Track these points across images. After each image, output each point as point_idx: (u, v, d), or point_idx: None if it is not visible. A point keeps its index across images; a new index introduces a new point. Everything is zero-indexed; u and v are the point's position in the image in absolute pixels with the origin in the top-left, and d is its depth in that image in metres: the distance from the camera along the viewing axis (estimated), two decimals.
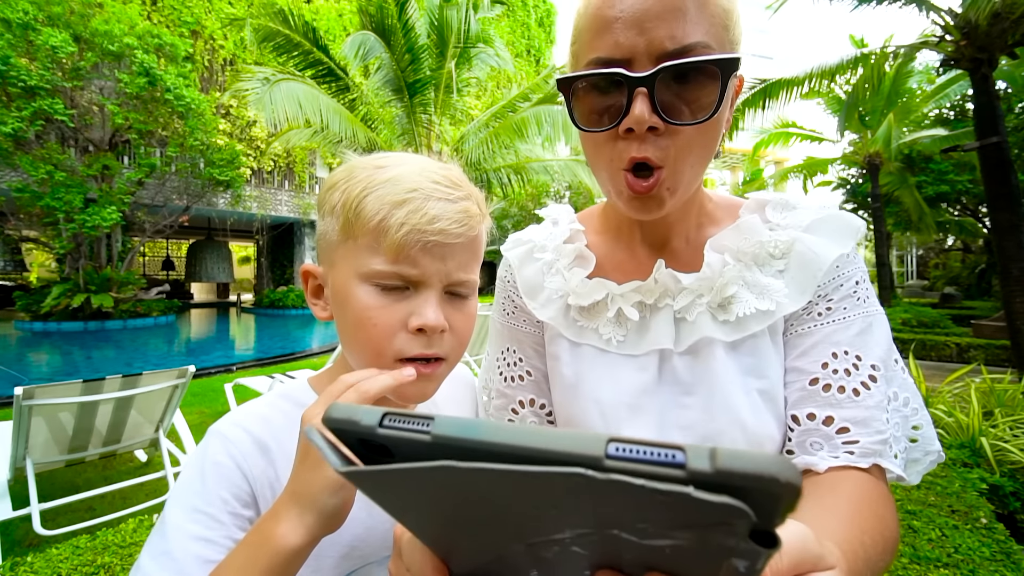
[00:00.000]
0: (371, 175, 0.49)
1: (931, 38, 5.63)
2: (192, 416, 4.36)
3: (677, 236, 0.61)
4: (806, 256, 0.55)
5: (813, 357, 0.54)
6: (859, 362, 0.52)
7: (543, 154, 10.01)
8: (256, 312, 16.15)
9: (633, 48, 0.46)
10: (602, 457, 0.16)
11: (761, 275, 0.57)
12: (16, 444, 2.35)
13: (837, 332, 0.53)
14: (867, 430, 0.50)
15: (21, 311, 11.06)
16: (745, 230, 0.58)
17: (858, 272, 0.56)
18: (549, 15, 26.67)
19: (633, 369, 0.60)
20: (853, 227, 0.56)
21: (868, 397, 0.51)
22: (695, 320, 0.57)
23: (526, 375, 0.69)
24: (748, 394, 0.54)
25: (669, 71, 0.45)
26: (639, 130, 0.47)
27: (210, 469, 0.48)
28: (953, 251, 19.37)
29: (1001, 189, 5.15)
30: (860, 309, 0.54)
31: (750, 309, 0.55)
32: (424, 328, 0.48)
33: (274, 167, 15.60)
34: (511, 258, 0.72)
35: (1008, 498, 2.10)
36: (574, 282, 0.64)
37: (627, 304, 0.60)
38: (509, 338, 0.71)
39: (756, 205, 0.62)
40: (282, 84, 7.31)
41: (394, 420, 0.21)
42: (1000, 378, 3.31)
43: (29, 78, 8.73)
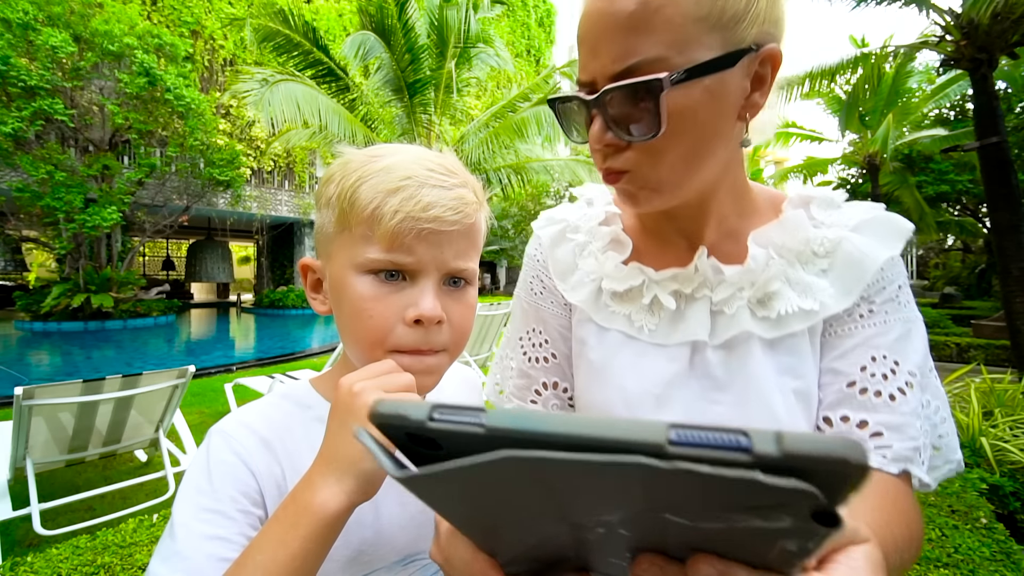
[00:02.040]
0: (365, 165, 0.48)
1: (931, 38, 5.63)
2: (192, 416, 4.36)
3: (712, 226, 0.59)
4: (853, 256, 0.54)
5: (852, 360, 0.53)
6: (897, 367, 0.51)
7: (543, 154, 10.02)
8: (256, 312, 16.15)
9: (592, 71, 0.48)
10: (664, 444, 0.16)
11: (804, 273, 0.55)
12: (16, 444, 2.35)
13: (877, 336, 0.53)
14: (900, 436, 0.49)
15: (21, 311, 11.06)
16: (791, 226, 0.57)
17: (901, 276, 0.55)
18: (549, 15, 26.68)
19: (663, 359, 0.58)
20: (902, 229, 0.55)
21: (903, 403, 0.50)
22: (734, 314, 0.56)
23: (551, 357, 0.68)
24: (784, 393, 0.53)
25: (611, 92, 0.46)
26: (597, 147, 0.50)
27: (216, 468, 0.48)
28: (953, 251, 19.36)
29: (1001, 189, 5.15)
30: (901, 314, 0.53)
31: (793, 307, 0.54)
32: (421, 319, 0.48)
33: (274, 167, 15.60)
34: (542, 236, 0.70)
35: (1008, 498, 2.10)
36: (609, 266, 0.63)
37: (664, 292, 0.59)
38: (535, 318, 0.70)
39: (800, 200, 0.60)
40: (281, 85, 7.30)
41: (444, 413, 0.21)
42: (1000, 378, 3.31)
43: (29, 78, 8.73)
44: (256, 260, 19.78)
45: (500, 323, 5.72)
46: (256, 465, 0.48)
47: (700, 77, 0.45)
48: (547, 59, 26.08)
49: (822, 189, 0.61)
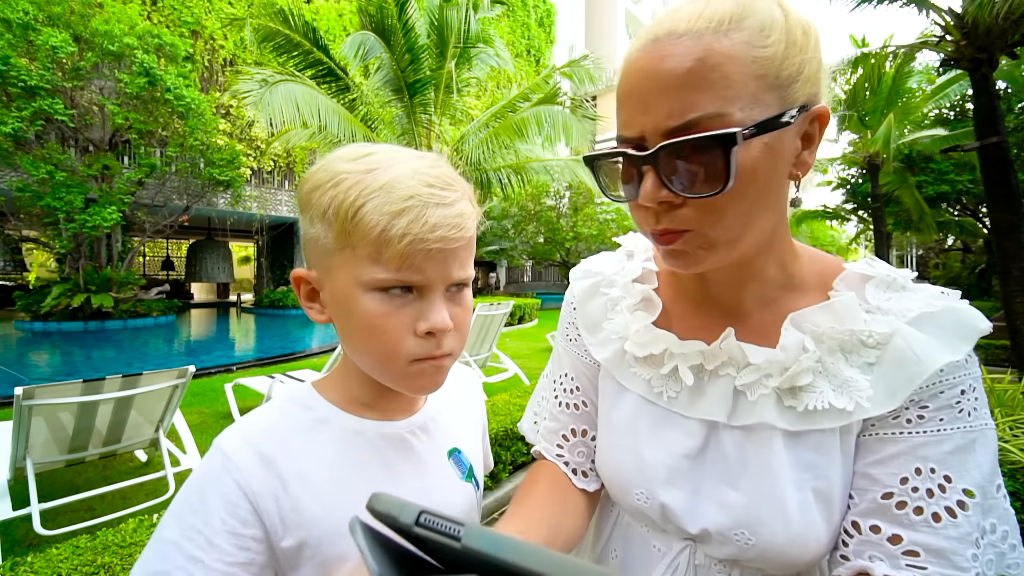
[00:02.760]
0: (362, 180, 0.47)
1: (931, 38, 5.63)
2: (192, 416, 4.36)
3: (751, 298, 0.56)
4: (905, 355, 0.47)
5: (892, 469, 0.47)
6: (948, 484, 0.44)
7: (543, 154, 10.01)
8: (256, 312, 16.14)
9: (642, 127, 0.46)
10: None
11: (846, 366, 0.50)
12: (16, 444, 2.35)
13: (927, 446, 0.46)
14: (941, 561, 0.43)
15: (21, 311, 11.05)
16: (838, 312, 0.51)
17: (967, 380, 0.47)
18: (549, 15, 26.68)
19: (680, 432, 0.57)
20: (971, 328, 0.47)
21: (952, 526, 0.43)
22: (756, 401, 0.52)
23: (581, 405, 0.68)
24: (801, 490, 0.49)
25: (668, 148, 0.44)
26: (651, 206, 0.47)
27: (208, 487, 0.48)
28: (953, 251, 19.36)
29: (1001, 189, 5.15)
30: (961, 423, 0.46)
31: (823, 404, 0.49)
32: (433, 331, 0.49)
33: (274, 167, 15.59)
34: (576, 289, 0.70)
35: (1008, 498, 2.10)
36: (635, 327, 0.61)
37: (684, 364, 0.57)
38: (569, 365, 0.70)
39: (856, 279, 0.54)
40: (280, 85, 7.30)
41: (429, 520, 0.23)
42: (1000, 378, 3.30)
43: (29, 78, 8.73)
44: (256, 260, 19.78)
45: (500, 323, 5.72)
46: (249, 485, 0.48)
47: (765, 133, 0.44)
48: (547, 59, 26.07)
49: (883, 267, 0.54)
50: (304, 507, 0.50)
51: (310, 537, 0.50)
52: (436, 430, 0.63)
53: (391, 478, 0.56)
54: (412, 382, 0.52)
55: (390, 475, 0.56)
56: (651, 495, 0.56)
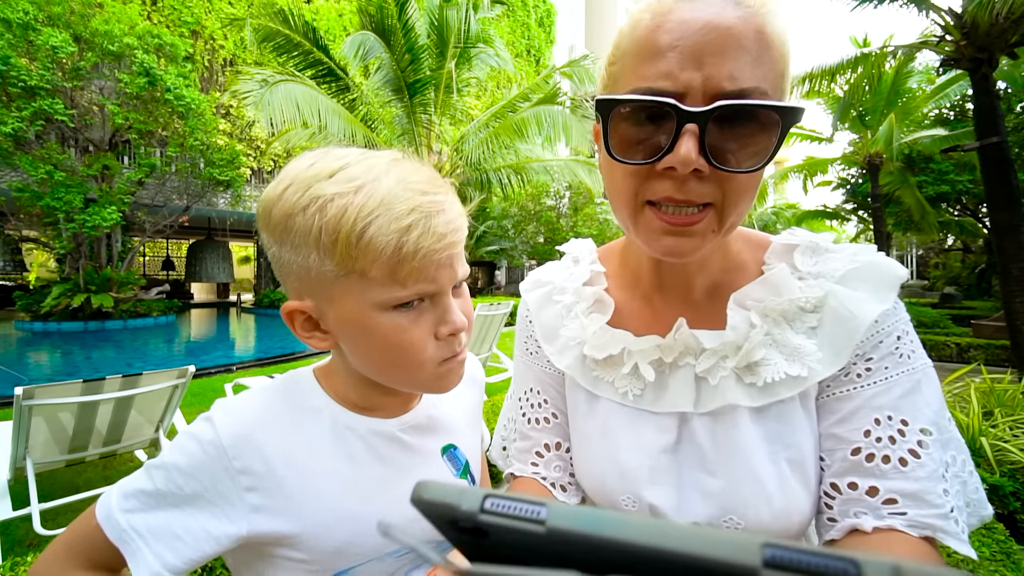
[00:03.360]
0: (354, 201, 0.44)
1: (931, 38, 5.63)
2: (192, 416, 4.36)
3: (699, 284, 0.57)
4: (841, 314, 0.50)
5: (854, 424, 0.49)
6: (905, 427, 0.47)
7: (543, 154, 10.02)
8: (256, 312, 16.14)
9: (688, 82, 0.42)
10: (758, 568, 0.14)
11: (792, 333, 0.52)
12: (16, 444, 2.35)
13: (879, 395, 0.48)
14: (917, 503, 0.45)
15: (21, 311, 11.05)
16: (774, 285, 0.53)
17: (900, 325, 0.50)
18: (549, 15, 26.68)
19: (652, 428, 0.57)
20: (894, 276, 0.51)
21: (919, 467, 0.46)
22: (718, 384, 0.53)
23: (551, 417, 0.66)
24: (776, 463, 0.51)
25: (726, 111, 0.41)
26: (682, 171, 0.43)
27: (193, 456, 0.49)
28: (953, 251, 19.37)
29: (1001, 189, 5.15)
30: (904, 367, 0.48)
31: (779, 374, 0.51)
32: (455, 332, 0.51)
33: (274, 167, 15.59)
34: (529, 301, 0.69)
35: (1008, 498, 2.10)
36: (591, 330, 0.61)
37: (644, 361, 0.57)
38: (533, 379, 0.69)
39: (784, 249, 0.57)
40: (280, 85, 7.30)
41: (498, 504, 0.19)
42: (1000, 378, 3.30)
43: (29, 78, 8.73)
44: (256, 260, 19.77)
45: (500, 323, 5.72)
46: (234, 464, 0.48)
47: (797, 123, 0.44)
48: (547, 59, 26.08)
49: (805, 234, 0.57)
50: (292, 493, 0.50)
51: (297, 524, 0.49)
52: (431, 426, 0.62)
53: (382, 474, 0.56)
54: (441, 383, 0.54)
55: (381, 471, 0.56)
56: (638, 498, 0.56)
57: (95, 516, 0.49)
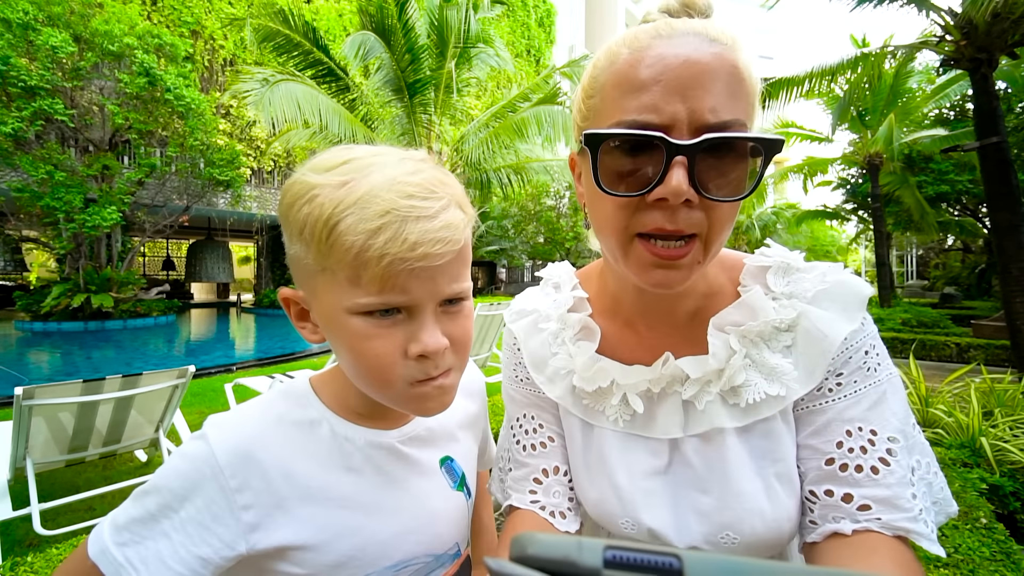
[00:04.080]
0: (336, 195, 0.43)
1: (931, 38, 5.64)
2: (192, 416, 4.36)
3: (682, 310, 0.59)
4: (813, 334, 0.53)
5: (827, 436, 0.52)
6: (875, 437, 0.50)
7: (543, 154, 10.03)
8: (256, 312, 16.14)
9: (673, 115, 0.44)
10: None
11: (769, 353, 0.55)
12: (16, 444, 2.35)
13: (849, 408, 0.51)
14: (889, 508, 0.48)
15: (21, 311, 11.05)
16: (750, 308, 0.56)
17: (868, 340, 0.53)
18: (549, 15, 26.68)
19: (645, 452, 0.58)
20: (860, 296, 0.53)
21: (888, 474, 0.48)
22: (704, 408, 0.56)
23: (548, 441, 0.65)
24: (764, 478, 0.53)
25: (713, 143, 0.43)
26: (674, 202, 0.44)
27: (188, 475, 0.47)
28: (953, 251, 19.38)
29: (1001, 189, 5.15)
30: (871, 380, 0.52)
31: (760, 395, 0.53)
32: (425, 354, 0.46)
33: (274, 167, 15.60)
34: (516, 330, 0.69)
35: (1008, 498, 2.10)
36: (580, 360, 0.61)
37: (632, 393, 0.59)
38: (525, 404, 0.68)
39: (757, 271, 0.59)
40: (281, 85, 7.31)
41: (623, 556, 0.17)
42: (1000, 378, 3.30)
43: (29, 78, 8.73)
44: (256, 260, 19.77)
45: (500, 323, 5.72)
46: (230, 483, 0.47)
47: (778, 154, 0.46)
48: (547, 59, 26.08)
49: (777, 253, 0.59)
50: (289, 507, 0.49)
51: (296, 538, 0.48)
52: (429, 438, 0.61)
53: (381, 487, 0.55)
54: (418, 404, 0.50)
55: (381, 483, 0.55)
56: (636, 522, 0.57)
57: (88, 555, 0.46)
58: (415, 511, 0.56)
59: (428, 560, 0.57)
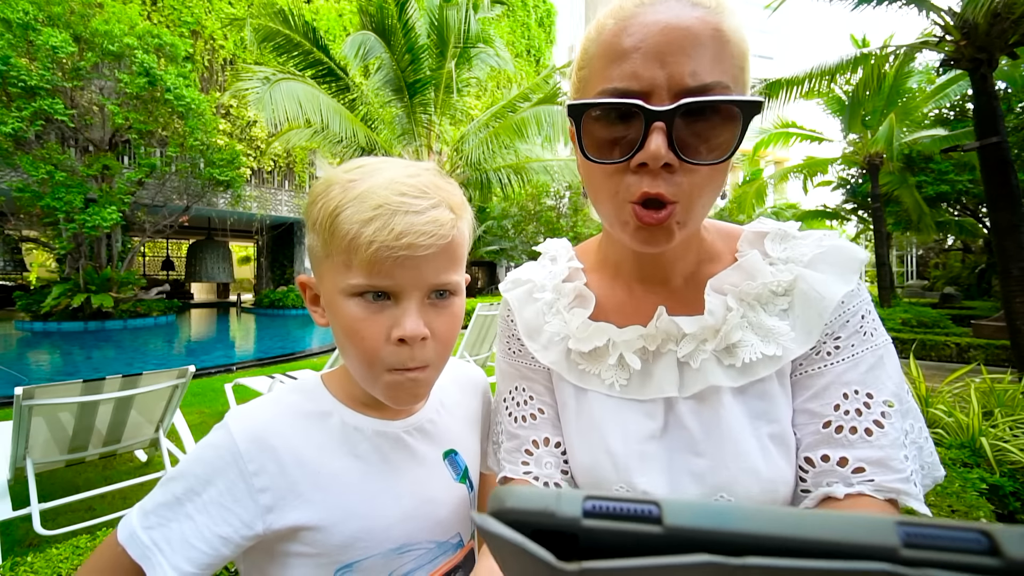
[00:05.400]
0: (343, 191, 0.50)
1: (931, 38, 5.63)
2: (192, 416, 4.36)
3: (676, 274, 0.60)
4: (810, 296, 0.54)
5: (825, 399, 0.52)
6: (870, 400, 0.51)
7: (543, 154, 10.01)
8: (256, 312, 16.14)
9: (652, 81, 0.45)
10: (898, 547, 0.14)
11: (765, 316, 0.55)
12: (16, 444, 2.35)
13: (847, 371, 0.52)
14: (883, 469, 0.49)
15: (21, 311, 11.06)
16: (747, 270, 0.57)
17: (863, 305, 0.54)
18: (549, 15, 26.67)
19: (640, 415, 0.59)
20: (856, 259, 0.54)
21: (882, 436, 0.50)
22: (700, 367, 0.56)
23: (538, 413, 0.66)
24: (759, 439, 0.53)
25: (691, 108, 0.44)
26: (653, 166, 0.46)
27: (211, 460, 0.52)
28: (953, 251, 19.38)
29: (1001, 189, 5.15)
30: (868, 344, 0.53)
31: (756, 355, 0.54)
32: (404, 338, 0.51)
33: (274, 167, 15.59)
34: (510, 299, 0.70)
35: (1008, 498, 2.10)
36: (574, 324, 0.62)
37: (628, 351, 0.59)
38: (517, 376, 0.68)
39: (755, 237, 0.60)
40: (282, 84, 7.31)
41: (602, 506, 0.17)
42: (1000, 378, 3.30)
43: (29, 78, 8.73)
44: (256, 260, 19.78)
45: None
46: (249, 467, 0.52)
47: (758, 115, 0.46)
48: (547, 59, 26.07)
49: (774, 223, 0.61)
50: (302, 491, 0.53)
51: (307, 518, 0.53)
52: (433, 431, 0.64)
53: (387, 473, 0.58)
54: (392, 392, 0.54)
55: (386, 470, 0.58)
56: (631, 486, 0.58)
57: (117, 539, 0.51)
58: (417, 498, 0.59)
59: (431, 547, 0.60)
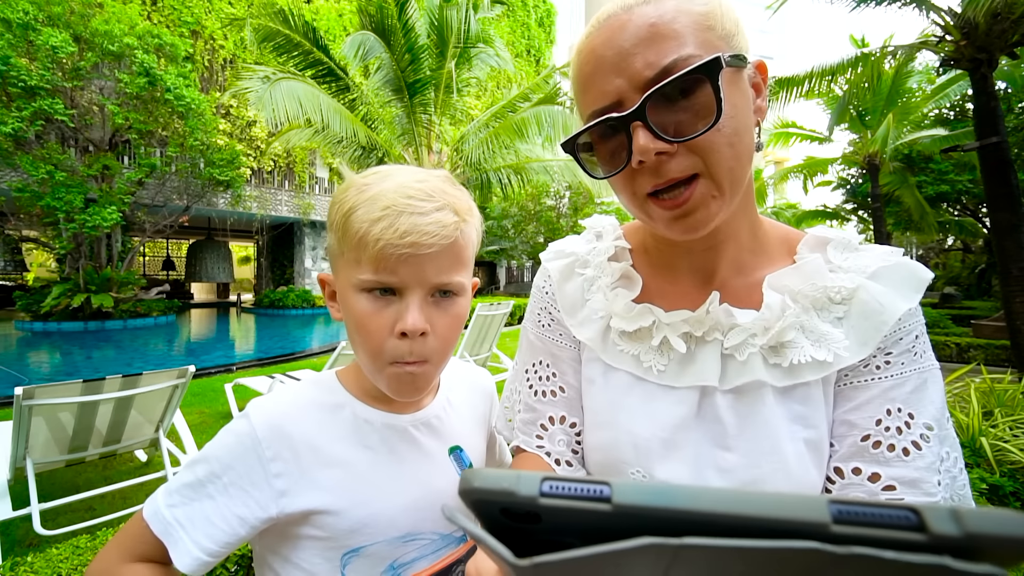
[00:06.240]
0: (358, 194, 0.55)
1: (931, 38, 5.63)
2: (192, 416, 4.36)
3: (727, 265, 0.59)
4: (870, 306, 0.53)
5: (867, 413, 0.52)
6: (911, 420, 0.50)
7: (543, 154, 10.01)
8: (256, 312, 16.14)
9: (618, 90, 0.48)
10: (828, 523, 0.15)
11: (819, 321, 0.54)
12: (16, 444, 2.35)
13: (893, 388, 0.51)
14: (914, 491, 0.48)
15: (21, 311, 11.05)
16: (808, 272, 0.56)
17: (918, 325, 0.53)
18: (549, 15, 26.66)
19: (671, 402, 0.58)
20: (921, 279, 0.53)
21: (919, 458, 0.49)
22: (746, 360, 0.55)
23: (559, 391, 0.66)
24: (795, 443, 0.53)
25: (653, 96, 0.45)
26: (648, 160, 0.47)
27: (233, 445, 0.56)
28: (953, 251, 19.37)
29: (1001, 189, 5.15)
30: (917, 364, 0.52)
31: (806, 357, 0.53)
32: (405, 332, 0.54)
33: (274, 167, 15.59)
34: (551, 269, 0.69)
35: (1008, 498, 2.10)
36: (619, 305, 0.61)
37: (674, 334, 0.58)
38: (543, 351, 0.68)
39: (816, 243, 0.59)
40: (283, 83, 7.30)
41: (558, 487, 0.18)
42: (1000, 378, 3.30)
43: (29, 78, 8.73)
44: (256, 260, 19.77)
45: (500, 323, 5.72)
46: (266, 453, 0.56)
47: (733, 67, 0.47)
48: (547, 59, 26.07)
49: (839, 231, 0.60)
50: (314, 476, 0.57)
51: (319, 503, 0.56)
52: (440, 427, 0.67)
53: (393, 464, 0.61)
54: (392, 384, 0.58)
55: (393, 461, 0.61)
56: (648, 471, 0.57)
57: (143, 516, 0.55)
58: (422, 489, 0.61)
59: (434, 538, 0.62)
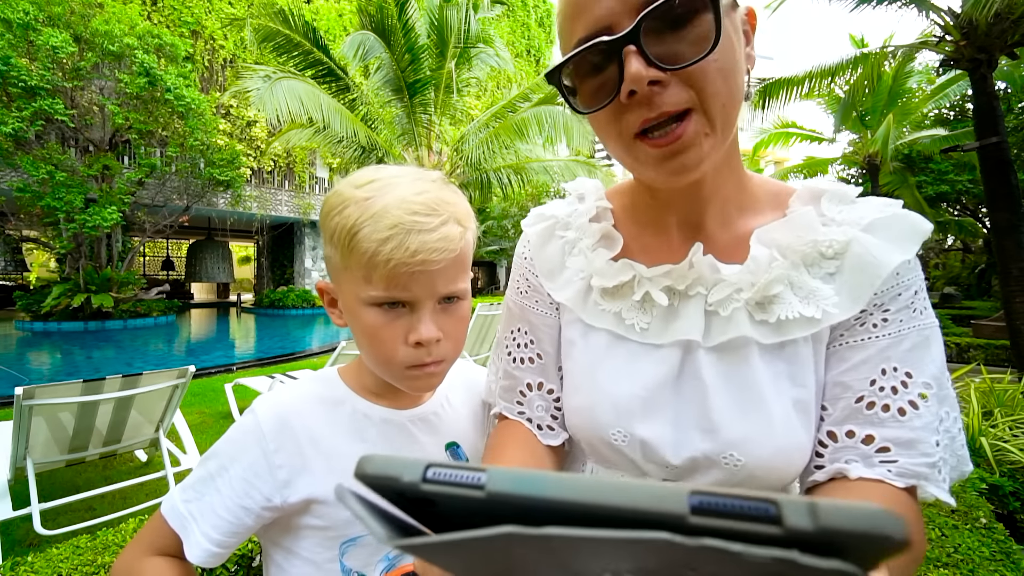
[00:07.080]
0: (361, 209, 0.54)
1: (931, 38, 5.64)
2: (192, 416, 4.36)
3: (713, 216, 0.56)
4: (864, 259, 0.50)
5: (862, 373, 0.49)
6: (909, 379, 0.48)
7: (543, 154, 10.02)
8: (256, 312, 16.14)
9: (611, 12, 0.44)
10: (686, 515, 0.15)
11: (809, 277, 0.52)
12: (16, 444, 2.35)
13: (890, 347, 0.49)
14: (910, 451, 0.46)
15: (21, 311, 11.06)
16: (798, 225, 0.53)
17: (917, 280, 0.50)
18: (549, 15, 26.65)
19: (652, 361, 0.56)
20: (919, 230, 0.50)
21: (915, 417, 0.47)
22: (730, 315, 0.52)
23: (536, 357, 0.66)
24: (781, 402, 0.50)
25: (652, 17, 0.42)
26: (641, 88, 0.43)
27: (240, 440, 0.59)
28: (953, 251, 19.37)
29: (1001, 189, 5.15)
30: (916, 322, 0.49)
31: (793, 314, 0.50)
32: (421, 342, 0.56)
33: (274, 167, 15.59)
34: (531, 235, 0.68)
35: (1008, 498, 2.10)
36: (598, 263, 0.60)
37: (656, 288, 0.56)
38: (520, 318, 0.68)
39: (810, 195, 0.56)
40: (283, 82, 7.30)
41: (439, 474, 0.19)
42: (1000, 378, 3.31)
43: (29, 78, 8.73)
44: (256, 260, 19.77)
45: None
46: (271, 445, 0.58)
47: (730, 4, 0.45)
48: (547, 59, 26.06)
49: (834, 182, 0.57)
50: (314, 467, 0.59)
51: (318, 493, 0.58)
52: (437, 424, 0.68)
53: None
54: (409, 383, 0.60)
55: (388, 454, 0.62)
56: (629, 432, 0.55)
57: (161, 511, 0.59)
58: None
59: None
